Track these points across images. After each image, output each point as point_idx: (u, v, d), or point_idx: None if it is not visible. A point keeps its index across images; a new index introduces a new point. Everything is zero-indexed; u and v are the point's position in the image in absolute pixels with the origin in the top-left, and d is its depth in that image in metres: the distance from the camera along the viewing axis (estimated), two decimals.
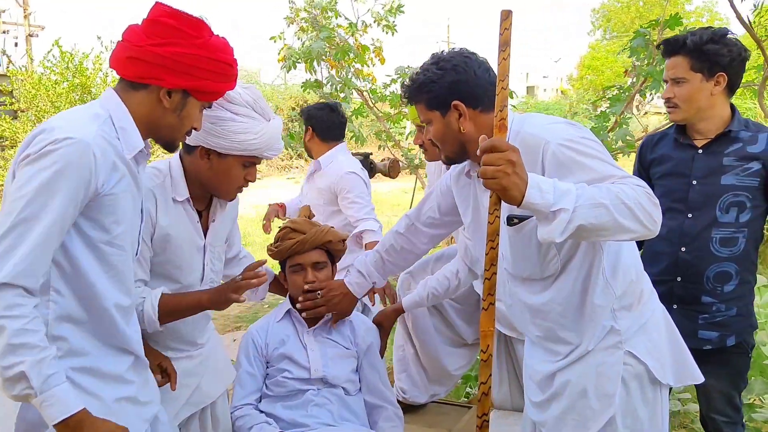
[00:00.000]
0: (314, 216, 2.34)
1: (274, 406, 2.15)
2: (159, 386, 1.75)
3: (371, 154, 5.05)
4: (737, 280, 2.14)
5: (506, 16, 1.42)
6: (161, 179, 1.86)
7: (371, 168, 5.05)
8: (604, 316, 1.63)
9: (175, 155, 1.89)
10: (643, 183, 1.43)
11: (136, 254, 1.66)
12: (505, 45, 1.42)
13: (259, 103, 1.82)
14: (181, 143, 1.78)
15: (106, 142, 1.44)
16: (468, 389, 3.53)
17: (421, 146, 2.57)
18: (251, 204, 12.14)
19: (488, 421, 1.48)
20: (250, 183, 1.90)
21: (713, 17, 28.11)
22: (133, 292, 1.62)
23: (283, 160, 19.41)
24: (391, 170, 5.21)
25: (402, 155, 5.83)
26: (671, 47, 2.16)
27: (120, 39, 1.57)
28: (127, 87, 1.55)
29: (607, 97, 4.60)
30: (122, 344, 1.56)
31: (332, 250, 2.23)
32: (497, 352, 2.65)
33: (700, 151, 2.17)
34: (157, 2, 1.54)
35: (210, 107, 1.70)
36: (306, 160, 20.31)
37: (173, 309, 1.81)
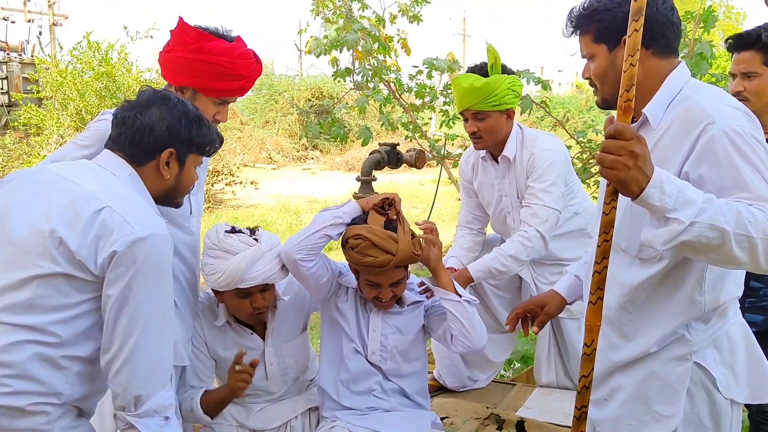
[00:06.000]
0: (400, 204, 2.03)
1: None
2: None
3: (398, 144, 5.11)
4: None
5: None
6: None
7: (398, 158, 5.11)
8: (678, 324, 1.47)
9: None
10: None
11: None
12: (638, 14, 1.21)
13: (219, 244, 1.95)
14: None
15: None
16: (502, 372, 3.61)
17: (472, 134, 2.51)
18: (270, 194, 12.27)
19: (587, 413, 1.38)
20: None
21: (728, 9, 27.83)
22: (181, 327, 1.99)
23: (298, 151, 19.45)
24: (417, 161, 5.25)
25: (429, 146, 5.89)
26: (743, 42, 2.14)
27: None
28: (167, 86, 1.93)
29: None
30: None
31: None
32: (546, 333, 2.70)
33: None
34: (179, 17, 1.85)
35: (224, 103, 1.94)
36: (321, 150, 20.41)
37: (210, 405, 2.06)
